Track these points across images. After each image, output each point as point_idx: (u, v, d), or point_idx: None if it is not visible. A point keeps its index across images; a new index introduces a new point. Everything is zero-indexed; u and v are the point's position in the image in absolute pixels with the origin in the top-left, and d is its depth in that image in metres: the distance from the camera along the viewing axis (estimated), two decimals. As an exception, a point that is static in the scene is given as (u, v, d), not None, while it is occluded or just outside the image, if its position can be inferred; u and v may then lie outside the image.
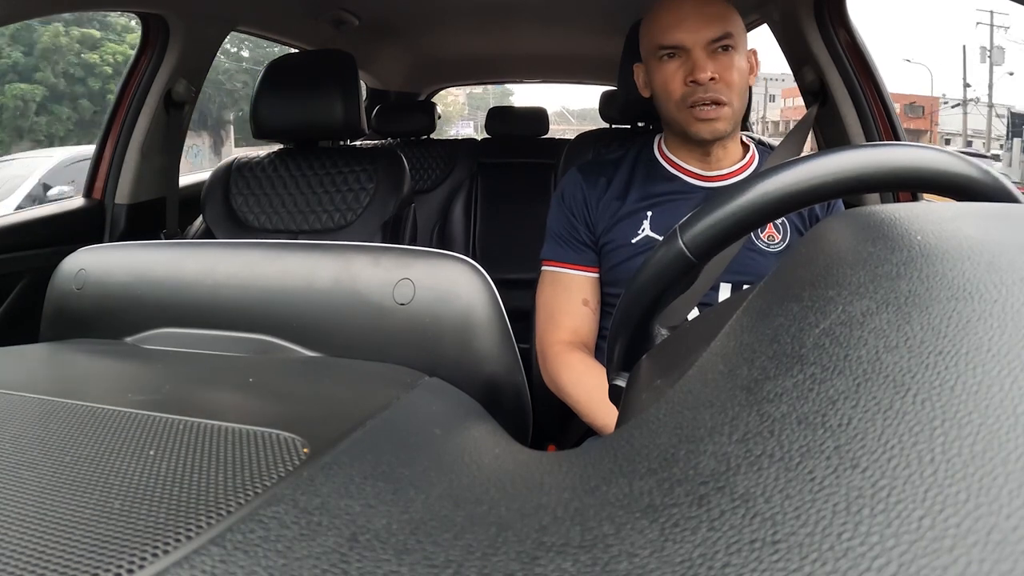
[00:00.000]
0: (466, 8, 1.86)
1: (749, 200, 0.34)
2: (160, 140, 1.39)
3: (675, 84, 0.84)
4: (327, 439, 0.27)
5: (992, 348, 0.15)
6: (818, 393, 0.16)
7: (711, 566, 0.13)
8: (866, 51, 1.20)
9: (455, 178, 2.40)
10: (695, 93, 0.83)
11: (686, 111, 0.84)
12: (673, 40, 0.84)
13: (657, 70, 0.86)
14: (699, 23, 0.83)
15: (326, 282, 0.50)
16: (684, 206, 0.88)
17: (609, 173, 0.94)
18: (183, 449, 0.27)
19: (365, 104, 2.01)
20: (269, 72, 1.31)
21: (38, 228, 1.24)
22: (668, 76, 0.85)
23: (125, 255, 0.59)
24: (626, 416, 0.35)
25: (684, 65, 0.84)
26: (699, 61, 0.82)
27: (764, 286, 0.23)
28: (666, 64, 0.85)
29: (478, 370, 0.47)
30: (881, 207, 0.23)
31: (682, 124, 0.86)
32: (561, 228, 0.94)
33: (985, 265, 0.18)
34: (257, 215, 1.32)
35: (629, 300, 0.40)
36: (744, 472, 0.15)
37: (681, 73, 0.84)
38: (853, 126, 1.20)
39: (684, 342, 0.34)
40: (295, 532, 0.20)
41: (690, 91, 0.83)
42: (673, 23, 0.84)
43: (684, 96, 0.84)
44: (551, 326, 0.91)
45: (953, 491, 0.12)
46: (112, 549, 0.20)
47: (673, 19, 0.84)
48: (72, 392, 0.37)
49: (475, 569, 0.17)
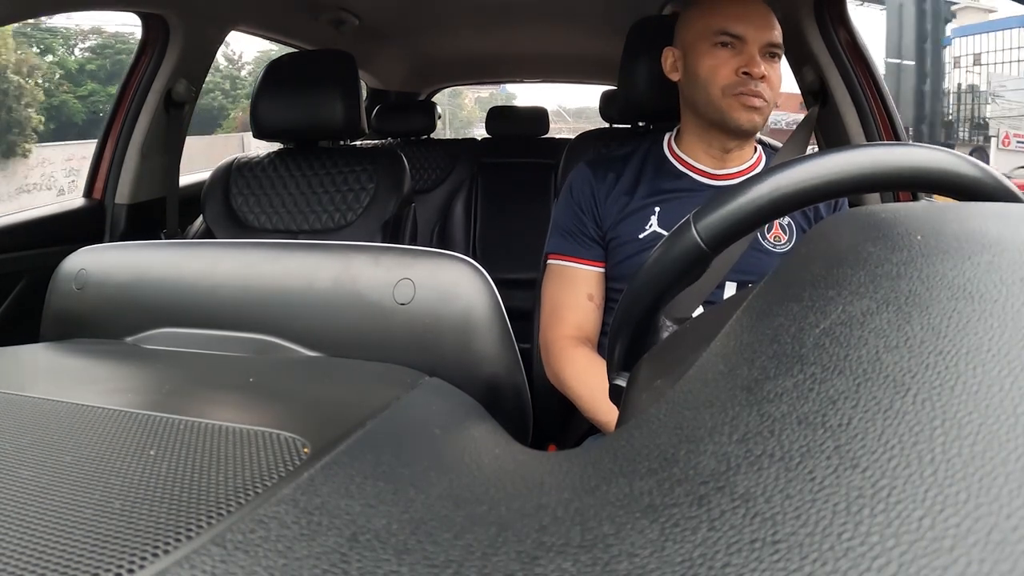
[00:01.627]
0: (466, 8, 1.86)
1: (763, 192, 0.35)
2: (160, 140, 1.39)
3: (726, 71, 0.85)
4: (328, 439, 0.27)
5: (992, 348, 0.15)
6: (818, 393, 0.16)
7: (711, 566, 0.13)
8: (866, 51, 1.20)
9: (455, 178, 2.40)
10: (746, 83, 0.84)
11: (732, 98, 0.85)
12: (738, 29, 0.84)
13: (707, 54, 0.86)
14: (764, 23, 0.85)
15: (326, 282, 0.50)
16: (692, 203, 0.88)
17: (618, 169, 0.94)
18: (183, 449, 0.27)
19: (365, 104, 2.01)
20: (269, 72, 1.31)
21: (38, 228, 1.24)
22: (720, 62, 0.85)
23: (125, 255, 0.59)
24: (626, 416, 0.35)
25: (738, 56, 0.84)
26: (756, 57, 0.84)
27: (764, 286, 0.23)
28: (719, 51, 0.85)
29: (478, 370, 0.47)
30: (881, 207, 0.23)
31: (723, 110, 0.86)
32: (568, 222, 0.94)
33: (985, 265, 0.18)
34: (257, 215, 1.32)
35: (635, 291, 0.40)
36: (744, 472, 0.15)
37: (734, 63, 0.84)
38: (853, 126, 1.20)
39: (684, 342, 0.34)
40: (295, 532, 0.20)
41: (740, 81, 0.84)
42: (741, 14, 0.85)
43: (733, 84, 0.84)
44: (555, 320, 0.91)
45: (953, 491, 0.12)
46: (112, 549, 0.20)
47: (741, 10, 0.85)
48: (72, 392, 0.37)
49: (475, 569, 0.17)
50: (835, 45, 1.19)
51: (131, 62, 1.36)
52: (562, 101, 32.55)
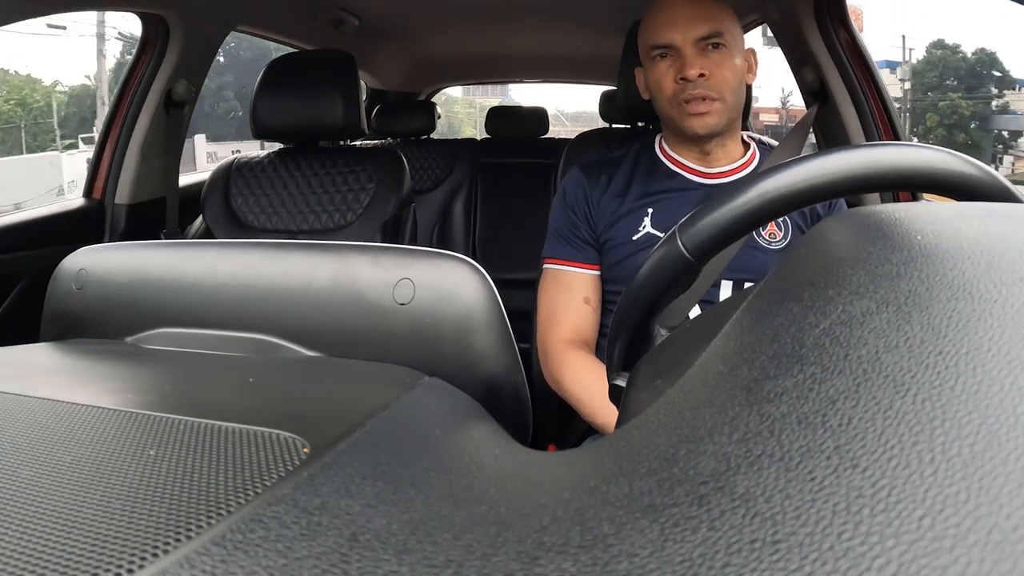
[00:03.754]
0: (466, 8, 1.86)
1: (748, 200, 0.34)
2: (160, 140, 1.39)
3: (667, 82, 0.86)
4: (327, 439, 0.27)
5: (992, 348, 0.15)
6: (818, 393, 0.16)
7: (711, 566, 0.13)
8: (866, 51, 1.20)
9: (455, 178, 2.40)
10: (685, 90, 0.85)
11: (677, 107, 0.86)
12: (663, 39, 0.86)
13: (650, 70, 0.89)
14: (688, 22, 0.85)
15: (326, 282, 0.50)
16: (685, 203, 0.89)
17: (610, 171, 0.94)
18: (183, 449, 0.27)
19: (365, 104, 2.01)
20: (269, 72, 1.31)
21: (38, 228, 1.24)
22: (660, 74, 0.87)
23: (125, 255, 0.59)
24: (626, 416, 0.35)
25: (675, 63, 0.86)
26: (688, 58, 0.84)
27: (764, 286, 0.23)
28: (658, 63, 0.87)
29: (478, 370, 0.47)
30: (881, 207, 0.23)
31: (676, 120, 0.88)
32: (563, 226, 0.94)
33: (985, 265, 0.18)
34: (257, 215, 1.32)
35: (628, 301, 0.40)
36: (744, 472, 0.15)
37: (672, 71, 0.86)
38: (853, 126, 1.20)
39: (684, 342, 0.34)
40: (295, 532, 0.20)
41: (680, 88, 0.85)
42: (663, 23, 0.86)
43: (675, 93, 0.86)
44: (552, 324, 0.91)
45: (953, 491, 0.12)
46: (112, 549, 0.20)
47: (663, 19, 0.86)
48: (72, 392, 0.37)
49: (475, 569, 0.17)
50: (835, 45, 1.19)
51: (131, 62, 1.36)
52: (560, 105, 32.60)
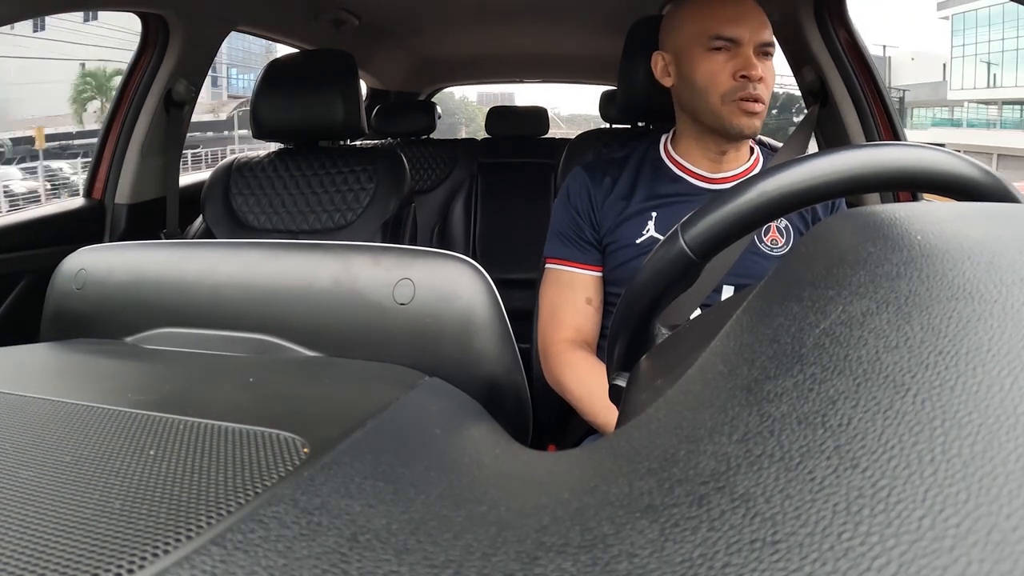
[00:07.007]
0: (466, 8, 1.86)
1: (750, 199, 0.34)
2: (160, 140, 1.39)
3: (723, 76, 0.84)
4: (327, 439, 0.27)
5: (992, 348, 0.15)
6: (818, 393, 0.16)
7: (711, 566, 0.13)
8: (866, 51, 1.20)
9: (455, 178, 2.41)
10: (744, 88, 0.83)
11: (732, 104, 0.84)
12: (731, 32, 0.83)
13: (703, 59, 0.85)
14: (758, 23, 0.84)
15: (326, 282, 0.50)
16: (689, 208, 0.88)
17: (615, 172, 0.94)
18: (183, 449, 0.27)
19: (365, 104, 2.01)
20: (269, 72, 1.31)
21: (38, 228, 1.24)
22: (717, 68, 0.84)
23: (125, 255, 0.59)
24: (626, 416, 0.35)
25: (733, 60, 0.83)
26: (752, 59, 0.82)
27: (764, 286, 0.23)
28: (715, 55, 0.84)
29: (478, 370, 0.47)
30: (881, 207, 0.23)
31: (724, 117, 0.85)
32: (565, 227, 0.93)
33: (985, 265, 0.18)
34: (257, 215, 1.32)
35: (630, 298, 0.40)
36: (744, 472, 0.15)
37: (730, 67, 0.83)
38: (853, 126, 1.20)
39: (684, 342, 0.34)
40: (295, 532, 0.20)
41: (739, 86, 0.83)
42: (734, 16, 0.84)
43: (733, 89, 0.83)
44: (554, 324, 0.91)
45: (953, 491, 0.12)
46: (112, 549, 0.20)
47: (733, 12, 0.84)
48: (72, 392, 0.37)
49: (475, 569, 0.17)
50: (835, 45, 1.19)
51: (131, 62, 1.36)
52: (556, 107, 32.65)
